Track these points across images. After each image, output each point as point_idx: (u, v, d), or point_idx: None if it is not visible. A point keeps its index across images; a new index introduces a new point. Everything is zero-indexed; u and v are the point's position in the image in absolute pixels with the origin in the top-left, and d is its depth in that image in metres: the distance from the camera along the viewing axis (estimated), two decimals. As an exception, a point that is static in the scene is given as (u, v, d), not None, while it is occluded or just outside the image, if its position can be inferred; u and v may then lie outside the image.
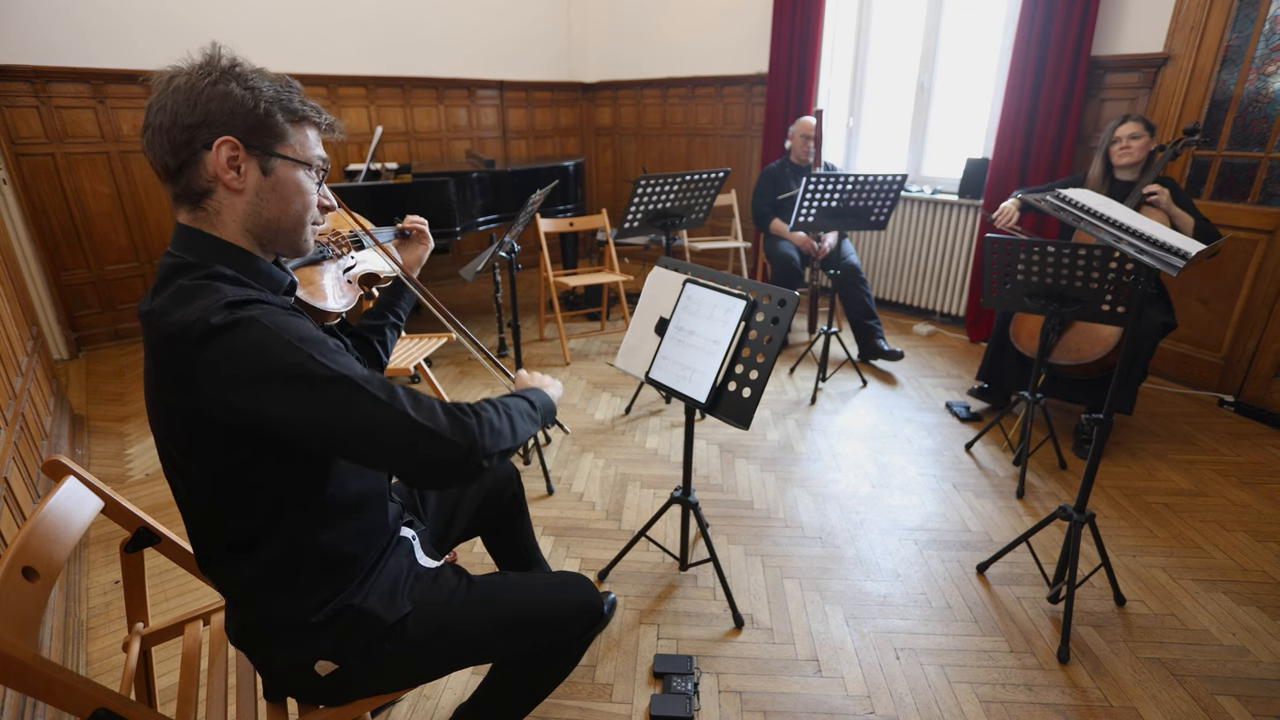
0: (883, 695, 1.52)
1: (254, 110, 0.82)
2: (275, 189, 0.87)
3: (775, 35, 4.26)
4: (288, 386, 0.75)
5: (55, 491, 0.95)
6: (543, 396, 1.06)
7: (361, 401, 0.77)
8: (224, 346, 0.74)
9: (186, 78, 0.81)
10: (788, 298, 1.38)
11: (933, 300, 4.08)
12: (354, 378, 0.77)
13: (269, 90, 0.84)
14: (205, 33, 3.54)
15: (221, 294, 0.78)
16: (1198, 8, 2.85)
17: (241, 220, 0.86)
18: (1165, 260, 1.33)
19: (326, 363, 0.76)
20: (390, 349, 1.27)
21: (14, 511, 1.61)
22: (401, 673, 1.01)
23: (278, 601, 0.92)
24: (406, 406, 0.79)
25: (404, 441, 0.79)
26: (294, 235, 0.91)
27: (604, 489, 2.36)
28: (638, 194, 2.66)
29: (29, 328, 2.73)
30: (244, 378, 0.74)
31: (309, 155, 0.90)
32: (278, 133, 0.85)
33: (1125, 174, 2.48)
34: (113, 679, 1.54)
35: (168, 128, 0.81)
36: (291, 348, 0.75)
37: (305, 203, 0.90)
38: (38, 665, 0.72)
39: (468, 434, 0.82)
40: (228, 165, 0.82)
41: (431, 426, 0.79)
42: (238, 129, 0.82)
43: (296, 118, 0.88)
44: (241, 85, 0.82)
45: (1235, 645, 1.65)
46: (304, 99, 0.90)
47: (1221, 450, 2.57)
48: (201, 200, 0.84)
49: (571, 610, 1.10)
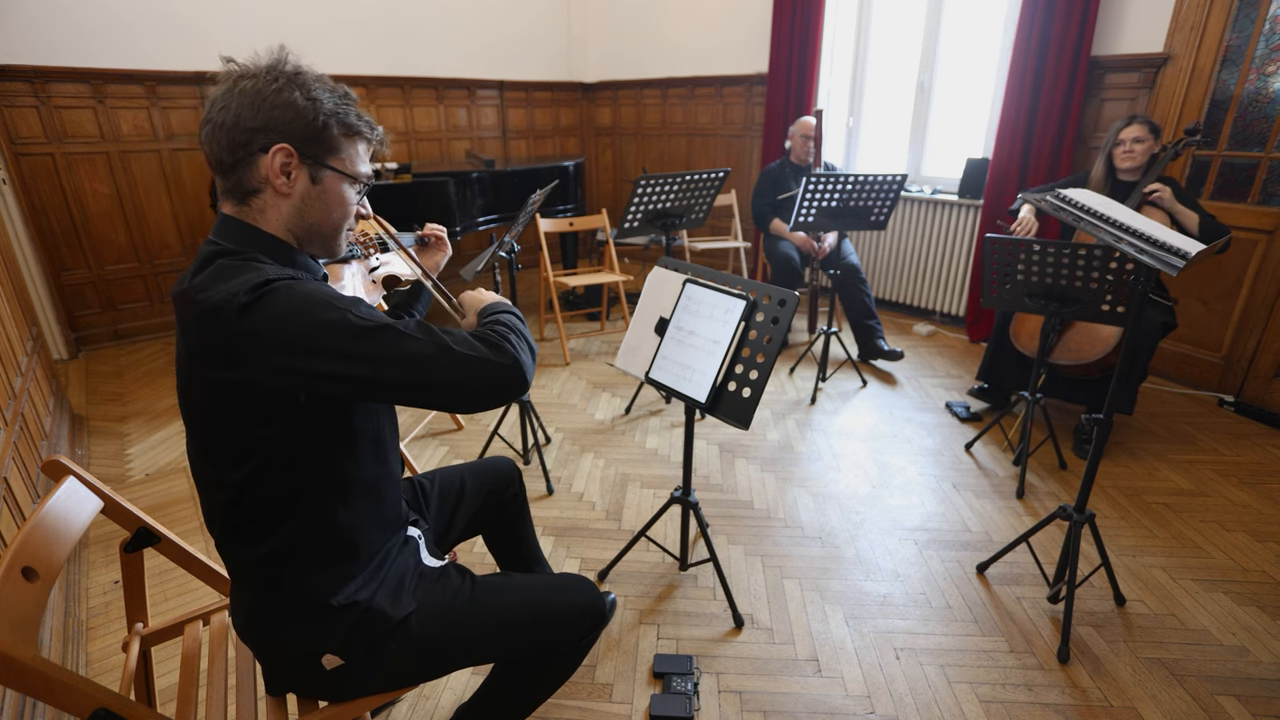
0: (883, 695, 1.52)
1: (313, 121, 0.86)
2: (321, 197, 0.91)
3: (775, 35, 4.26)
4: (334, 341, 0.78)
5: (55, 492, 0.95)
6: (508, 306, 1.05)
7: (405, 343, 0.80)
8: (267, 312, 0.77)
9: (253, 81, 0.85)
10: (787, 298, 1.38)
11: (933, 300, 4.08)
12: (394, 325, 0.81)
13: (329, 102, 0.88)
14: (205, 33, 3.56)
15: (262, 271, 0.82)
16: (1198, 8, 2.85)
17: (284, 220, 0.90)
18: (1165, 260, 1.33)
19: (364, 316, 0.80)
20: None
21: (14, 511, 1.61)
22: (404, 671, 1.01)
23: (295, 580, 0.93)
24: (450, 342, 0.83)
25: (452, 371, 0.82)
26: (330, 240, 0.96)
27: (604, 489, 2.36)
28: (638, 194, 2.66)
29: (29, 328, 2.73)
30: (290, 339, 0.78)
31: (357, 170, 0.94)
32: (332, 145, 0.89)
33: (1127, 175, 2.48)
34: (112, 679, 1.54)
35: (229, 127, 0.84)
36: (330, 305, 0.80)
37: (346, 212, 0.95)
38: (37, 665, 0.72)
39: (507, 354, 0.86)
40: (280, 171, 0.86)
41: (475, 355, 0.83)
42: (295, 137, 0.85)
43: (351, 131, 0.91)
44: (305, 95, 0.85)
45: (1235, 645, 1.65)
46: (360, 113, 0.93)
47: (1221, 450, 2.57)
48: (249, 197, 0.88)
49: (574, 612, 1.10)
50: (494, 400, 0.88)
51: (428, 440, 2.72)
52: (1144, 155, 2.40)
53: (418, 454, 2.61)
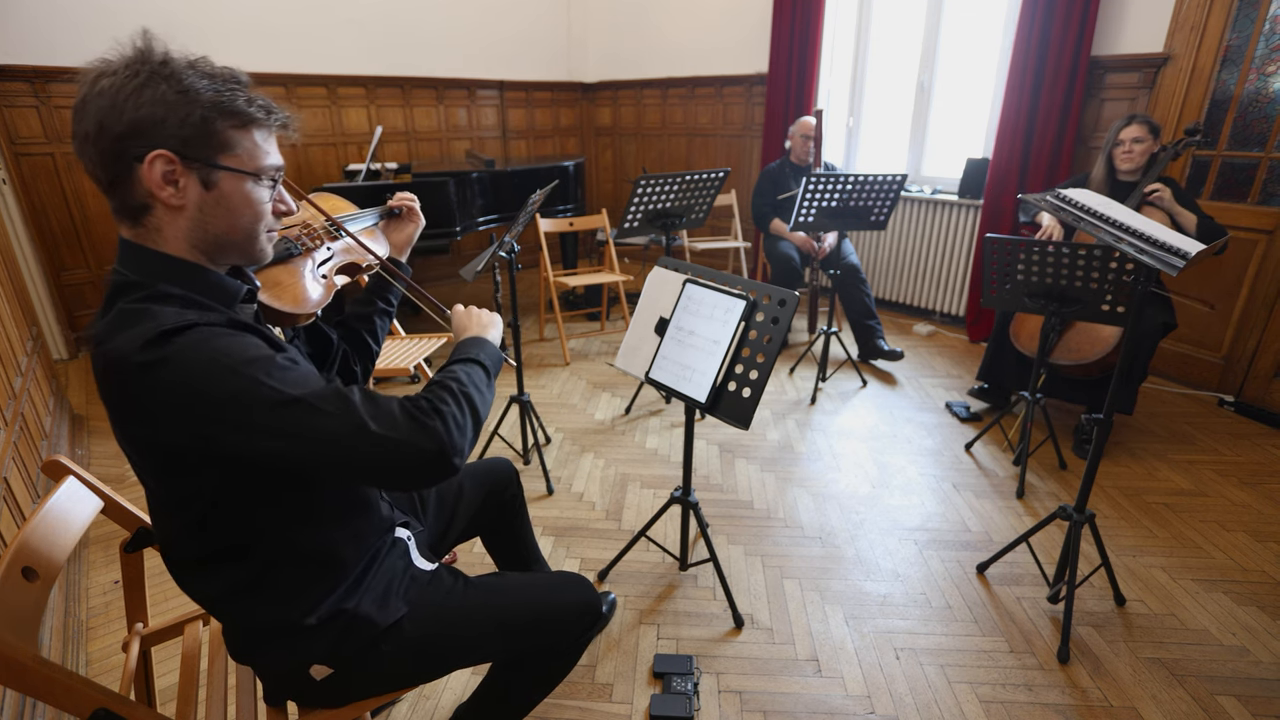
0: (883, 695, 1.52)
1: (188, 118, 0.73)
2: (221, 203, 0.78)
3: (775, 35, 4.26)
4: (238, 415, 0.70)
5: (55, 491, 0.95)
6: (490, 350, 0.98)
7: (318, 421, 0.72)
8: (165, 380, 0.69)
9: (112, 79, 0.72)
10: (787, 298, 1.38)
11: (933, 300, 4.08)
12: (306, 398, 0.72)
13: (207, 92, 0.74)
14: (204, 32, 3.56)
15: (157, 320, 0.71)
16: (1198, 8, 2.85)
17: (186, 237, 0.78)
18: (1165, 260, 1.33)
19: (275, 384, 0.71)
20: (382, 337, 1.23)
21: (14, 511, 1.61)
22: (399, 674, 1.01)
23: (263, 609, 0.90)
24: (365, 418, 0.73)
25: (369, 455, 0.73)
26: (246, 247, 0.83)
27: (604, 489, 2.36)
28: (638, 194, 2.66)
29: (29, 328, 2.73)
30: (193, 411, 0.70)
31: (258, 165, 0.80)
32: (220, 141, 0.76)
33: (1127, 176, 2.48)
34: (112, 679, 1.54)
35: (94, 137, 0.72)
36: (234, 374, 0.70)
37: (256, 214, 0.81)
38: (37, 665, 0.72)
39: (434, 437, 0.76)
40: (163, 180, 0.74)
41: (395, 436, 0.74)
42: (171, 139, 0.73)
43: (242, 121, 0.77)
44: (174, 88, 0.73)
45: (1235, 645, 1.65)
46: (251, 97, 0.79)
47: (1221, 450, 2.57)
48: (141, 216, 0.77)
49: (570, 611, 1.10)
50: (413, 481, 0.79)
51: (428, 440, 2.72)
52: (1143, 155, 2.41)
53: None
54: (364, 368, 1.19)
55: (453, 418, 0.79)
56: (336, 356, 1.14)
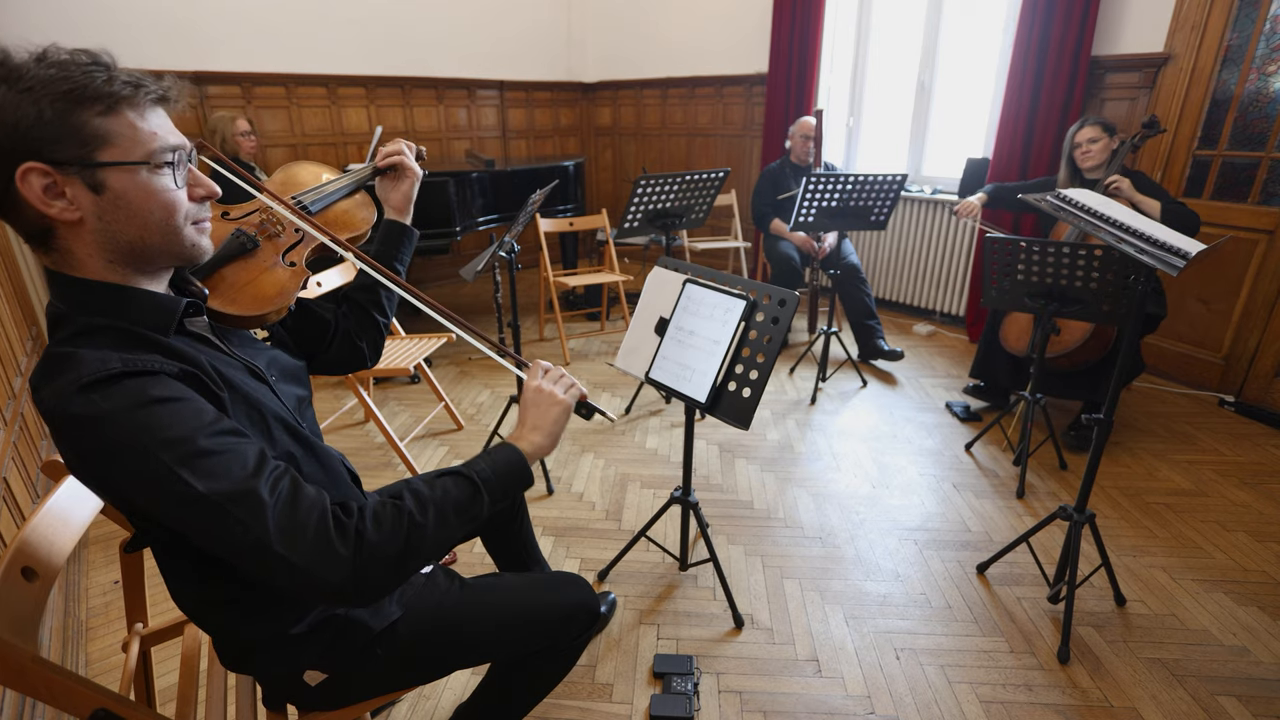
0: (883, 695, 1.52)
1: (40, 117, 0.63)
2: (119, 205, 0.68)
3: (775, 35, 4.25)
4: (148, 497, 0.67)
5: (54, 491, 0.95)
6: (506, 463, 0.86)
7: (218, 525, 0.66)
8: (81, 451, 0.66)
9: None
10: (788, 298, 1.38)
11: (933, 300, 4.08)
12: (216, 497, 0.65)
13: (58, 83, 0.63)
14: (203, 32, 3.56)
15: (78, 370, 0.65)
16: (1198, 7, 2.85)
17: (97, 253, 0.70)
18: (1166, 260, 1.33)
19: (187, 476, 0.65)
20: (391, 308, 1.15)
21: (13, 512, 1.61)
22: (396, 676, 1.00)
23: (248, 622, 0.89)
24: (269, 534, 0.66)
25: (261, 568, 0.67)
26: (171, 246, 0.73)
27: (604, 489, 2.35)
28: (638, 194, 2.65)
29: (28, 327, 2.73)
30: (108, 479, 0.68)
31: (145, 150, 0.69)
32: (89, 136, 0.65)
33: (1092, 174, 2.53)
34: (112, 679, 1.54)
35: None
36: (148, 457, 0.64)
37: (168, 206, 0.71)
38: (37, 666, 0.72)
39: (339, 569, 0.67)
40: (44, 195, 0.65)
41: (292, 560, 0.66)
42: (35, 148, 0.63)
43: (107, 106, 0.66)
44: (16, 88, 0.63)
45: (1236, 645, 1.65)
46: (113, 75, 0.67)
47: (1222, 450, 2.57)
48: (47, 241, 0.70)
49: (567, 611, 1.09)
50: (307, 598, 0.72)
51: (427, 440, 2.72)
52: (1102, 153, 2.47)
53: (418, 454, 2.61)
54: (371, 342, 1.12)
55: (377, 550, 0.70)
56: (334, 339, 1.08)
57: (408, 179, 1.14)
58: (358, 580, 0.68)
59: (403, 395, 3.16)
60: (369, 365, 1.13)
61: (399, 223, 1.15)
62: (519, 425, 0.95)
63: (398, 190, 1.14)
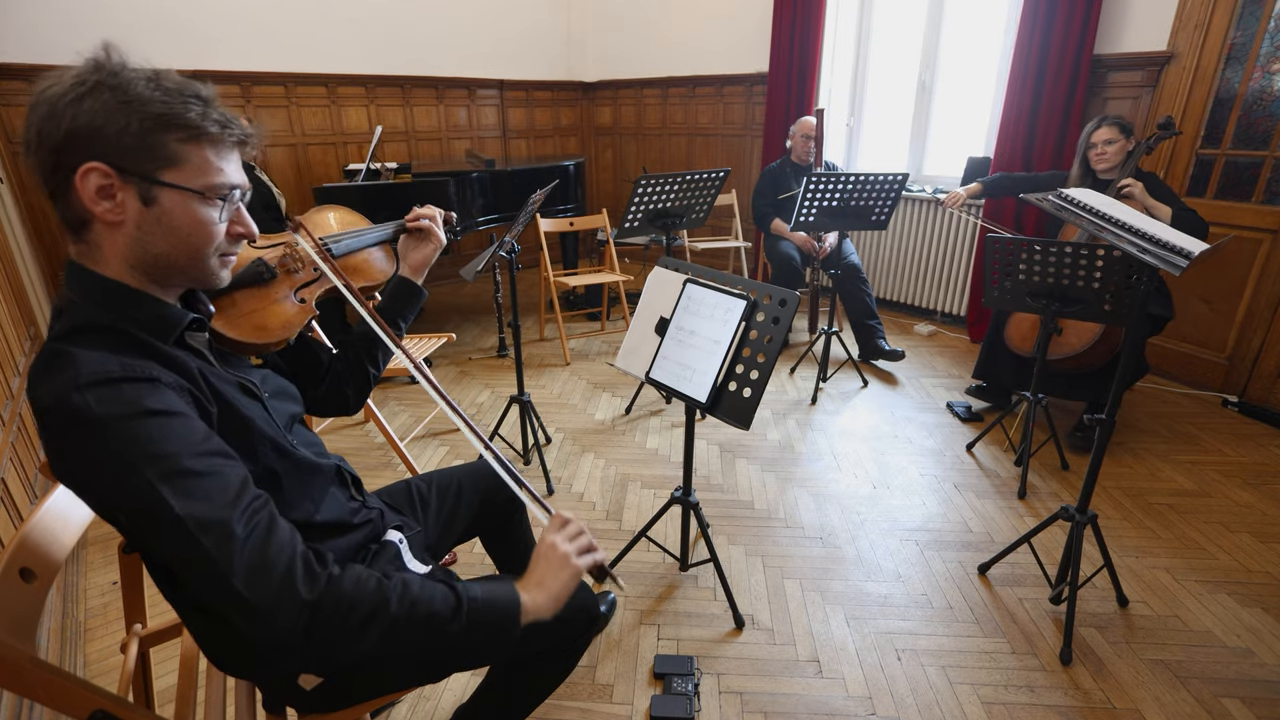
0: (884, 696, 1.51)
1: (127, 128, 0.68)
2: (162, 222, 0.73)
3: (775, 34, 4.25)
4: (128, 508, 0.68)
5: (52, 492, 0.95)
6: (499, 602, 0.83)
7: (189, 549, 0.66)
8: (71, 447, 0.67)
9: (58, 87, 0.69)
10: (788, 297, 1.37)
11: (934, 300, 4.07)
12: (189, 522, 0.65)
13: (156, 104, 0.69)
14: (203, 32, 3.56)
15: (74, 370, 0.66)
16: (1202, 6, 2.84)
17: (124, 256, 0.74)
18: (1168, 260, 1.33)
19: (167, 495, 0.66)
20: (385, 362, 1.18)
21: (11, 512, 1.60)
22: (393, 678, 1.00)
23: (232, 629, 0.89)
24: (235, 571, 0.66)
25: (218, 598, 0.67)
26: (194, 270, 0.78)
27: (604, 489, 2.35)
28: (638, 194, 2.65)
29: (26, 328, 2.73)
30: (90, 485, 0.69)
31: (207, 183, 0.74)
32: (163, 155, 0.71)
33: (1106, 174, 2.52)
34: (110, 680, 1.54)
35: (35, 147, 0.69)
36: (132, 469, 0.65)
37: (205, 236, 0.76)
38: (35, 667, 0.71)
39: (295, 614, 0.67)
40: (97, 195, 0.70)
41: (250, 600, 0.66)
42: (108, 151, 0.68)
43: (190, 135, 0.72)
44: (118, 97, 0.68)
45: (1239, 647, 1.64)
46: (208, 110, 0.73)
47: (1225, 451, 2.57)
48: (81, 232, 0.73)
49: (567, 613, 1.09)
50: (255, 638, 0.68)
51: (428, 440, 2.72)
52: (1117, 155, 2.44)
53: (418, 454, 2.61)
54: (358, 389, 1.15)
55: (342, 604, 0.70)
56: (325, 377, 1.11)
57: (431, 244, 1.18)
58: (310, 631, 0.68)
59: (403, 395, 3.16)
60: (350, 412, 1.15)
61: (412, 282, 1.18)
62: (527, 573, 0.93)
63: (420, 252, 1.18)
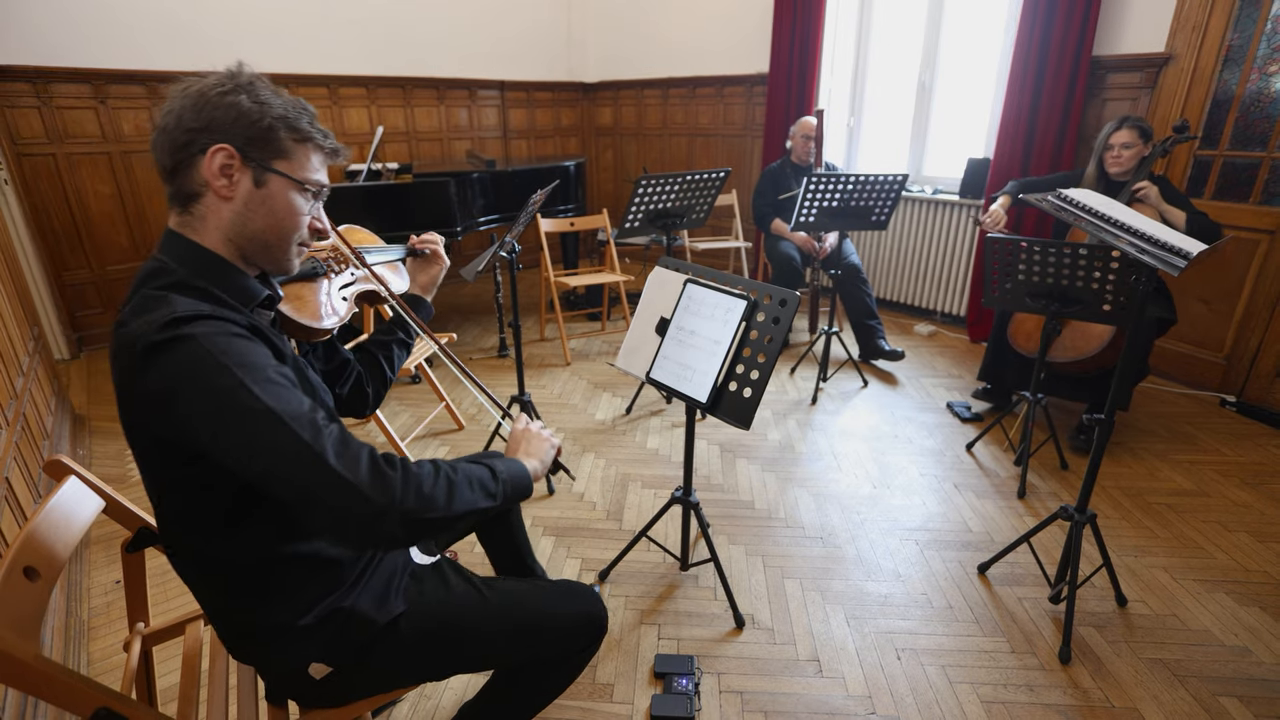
0: (884, 695, 1.52)
1: (257, 122, 0.83)
2: (265, 202, 0.86)
3: (776, 35, 4.25)
4: (214, 410, 0.73)
5: (56, 491, 0.95)
6: (515, 468, 0.95)
7: (282, 437, 0.73)
8: (159, 365, 0.73)
9: (201, 86, 0.83)
10: (788, 298, 1.38)
11: (934, 300, 4.07)
12: (279, 411, 0.74)
13: (278, 108, 0.85)
14: (205, 33, 3.56)
15: (172, 307, 0.76)
16: (1199, 7, 2.85)
17: (225, 229, 0.85)
18: (1166, 260, 1.33)
19: (257, 391, 0.74)
20: (398, 366, 1.28)
21: (15, 511, 1.61)
22: (399, 673, 1.01)
23: (260, 611, 0.91)
24: (327, 450, 0.74)
25: (314, 484, 0.74)
26: (278, 252, 0.90)
27: (605, 489, 2.35)
28: (638, 194, 2.65)
29: (30, 328, 2.74)
30: (176, 396, 0.73)
31: (306, 176, 0.88)
32: (278, 148, 0.85)
33: (1121, 176, 2.50)
34: (114, 678, 1.54)
35: (171, 129, 0.82)
36: (223, 371, 0.73)
37: (295, 223, 0.89)
38: (39, 665, 0.72)
39: (386, 491, 0.75)
40: (219, 172, 0.82)
41: (347, 476, 0.74)
42: (237, 138, 0.82)
43: (301, 137, 0.87)
44: (252, 98, 0.83)
45: (1237, 646, 1.64)
46: (314, 122, 0.90)
47: (1223, 450, 2.57)
48: (190, 204, 0.84)
49: (573, 622, 1.09)
50: (347, 533, 0.77)
51: (428, 440, 2.72)
52: (1133, 159, 2.43)
53: (418, 454, 2.61)
54: (376, 391, 1.23)
55: (418, 483, 0.79)
56: (350, 376, 1.18)
57: (437, 265, 1.32)
58: (401, 506, 0.76)
59: (403, 395, 3.16)
60: (367, 412, 1.24)
61: (420, 296, 1.31)
62: (513, 452, 1.04)
63: (427, 273, 1.31)
